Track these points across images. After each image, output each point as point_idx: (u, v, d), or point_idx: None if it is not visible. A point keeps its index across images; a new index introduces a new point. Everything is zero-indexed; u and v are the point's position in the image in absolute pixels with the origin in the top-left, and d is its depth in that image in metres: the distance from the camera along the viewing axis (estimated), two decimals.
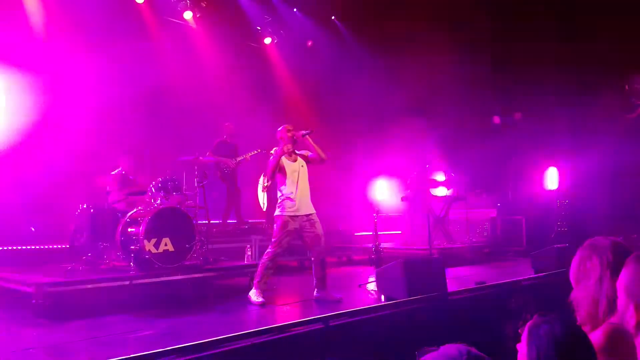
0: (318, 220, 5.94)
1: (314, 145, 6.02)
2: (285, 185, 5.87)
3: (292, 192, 5.82)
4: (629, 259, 1.99)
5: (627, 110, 10.26)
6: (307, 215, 5.87)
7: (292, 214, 5.80)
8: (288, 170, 5.89)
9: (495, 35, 11.44)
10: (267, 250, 5.89)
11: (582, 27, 10.47)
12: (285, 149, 5.89)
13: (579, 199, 10.99)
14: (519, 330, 2.13)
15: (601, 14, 10.05)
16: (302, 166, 6.01)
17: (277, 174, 5.88)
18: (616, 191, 10.50)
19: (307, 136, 6.01)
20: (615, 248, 2.14)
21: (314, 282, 5.91)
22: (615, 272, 2.06)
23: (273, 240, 5.87)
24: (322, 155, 6.05)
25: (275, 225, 5.90)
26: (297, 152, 6.08)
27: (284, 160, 5.93)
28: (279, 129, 6.08)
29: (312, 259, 5.98)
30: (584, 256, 2.18)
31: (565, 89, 11.06)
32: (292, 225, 5.79)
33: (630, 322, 1.92)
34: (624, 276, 1.96)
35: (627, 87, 10.18)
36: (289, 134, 6.00)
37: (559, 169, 11.23)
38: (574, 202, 11.09)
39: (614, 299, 2.05)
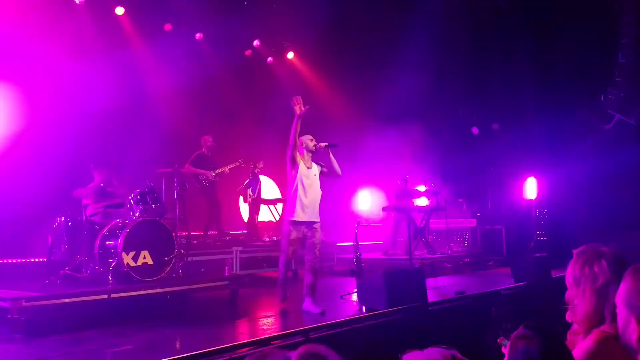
0: (319, 230, 5.93)
1: (333, 159, 6.00)
2: (296, 189, 5.80)
3: (301, 198, 5.77)
4: (627, 271, 1.98)
5: (603, 120, 10.44)
6: (312, 223, 5.86)
7: (298, 219, 5.77)
8: (303, 175, 5.84)
9: (473, 48, 11.59)
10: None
11: (559, 40, 10.65)
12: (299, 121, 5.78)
13: (558, 209, 11.13)
14: (499, 340, 2.13)
15: (578, 26, 10.25)
16: (315, 175, 5.97)
17: (291, 174, 5.84)
18: (593, 201, 10.65)
19: (329, 148, 5.99)
20: (621, 257, 2.15)
21: (304, 289, 5.82)
22: (619, 280, 2.06)
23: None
24: (338, 171, 6.07)
25: (283, 228, 5.96)
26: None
27: (302, 165, 5.87)
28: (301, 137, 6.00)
29: (305, 265, 5.87)
30: (589, 259, 2.15)
31: (543, 100, 11.23)
32: (296, 232, 5.80)
33: (632, 337, 1.89)
34: (623, 289, 1.94)
35: (603, 98, 10.37)
36: (311, 143, 5.97)
37: (537, 179, 11.36)
38: (552, 211, 11.23)
39: None
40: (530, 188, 11.42)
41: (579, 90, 10.43)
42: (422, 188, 11.17)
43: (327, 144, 6.00)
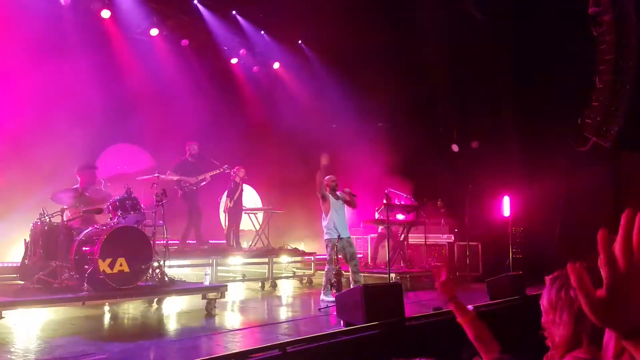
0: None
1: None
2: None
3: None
4: None
5: (580, 143, 10.63)
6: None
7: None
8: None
9: (454, 67, 11.74)
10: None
11: (538, 63, 10.85)
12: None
13: (533, 227, 11.27)
14: (474, 359, 2.16)
15: (558, 49, 10.46)
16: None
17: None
18: (568, 220, 10.82)
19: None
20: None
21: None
22: None
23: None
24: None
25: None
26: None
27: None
28: (326, 177, 7.94)
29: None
30: (566, 283, 2.14)
31: (521, 120, 11.42)
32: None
33: (609, 353, 1.93)
34: None
35: (580, 121, 10.57)
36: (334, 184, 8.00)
37: (511, 197, 11.49)
38: (528, 229, 11.36)
39: (595, 328, 2.08)
40: (506, 206, 11.53)
41: (557, 113, 10.62)
42: (401, 202, 11.22)
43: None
